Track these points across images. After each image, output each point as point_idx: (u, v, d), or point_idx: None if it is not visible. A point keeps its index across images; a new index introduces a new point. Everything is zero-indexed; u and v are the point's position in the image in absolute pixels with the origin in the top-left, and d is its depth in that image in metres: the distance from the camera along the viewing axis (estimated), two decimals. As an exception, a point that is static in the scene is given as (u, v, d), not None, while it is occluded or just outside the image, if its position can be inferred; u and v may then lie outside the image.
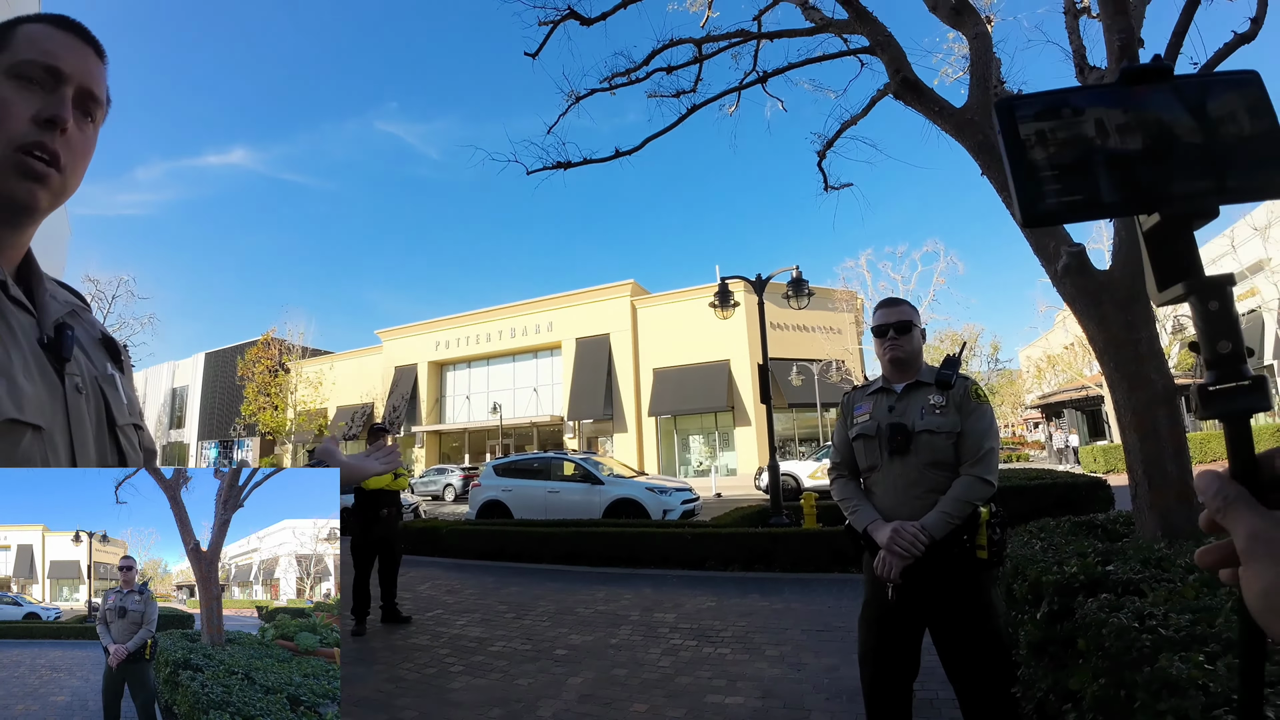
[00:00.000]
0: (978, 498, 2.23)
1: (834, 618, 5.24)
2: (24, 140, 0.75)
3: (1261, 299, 22.58)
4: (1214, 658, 1.47)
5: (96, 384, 0.85)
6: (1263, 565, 0.40)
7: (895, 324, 2.44)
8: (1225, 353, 0.46)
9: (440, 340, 37.71)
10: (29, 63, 0.77)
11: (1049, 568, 2.75)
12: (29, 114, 0.76)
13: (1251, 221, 22.38)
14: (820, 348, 28.88)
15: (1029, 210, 0.50)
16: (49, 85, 0.78)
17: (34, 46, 0.78)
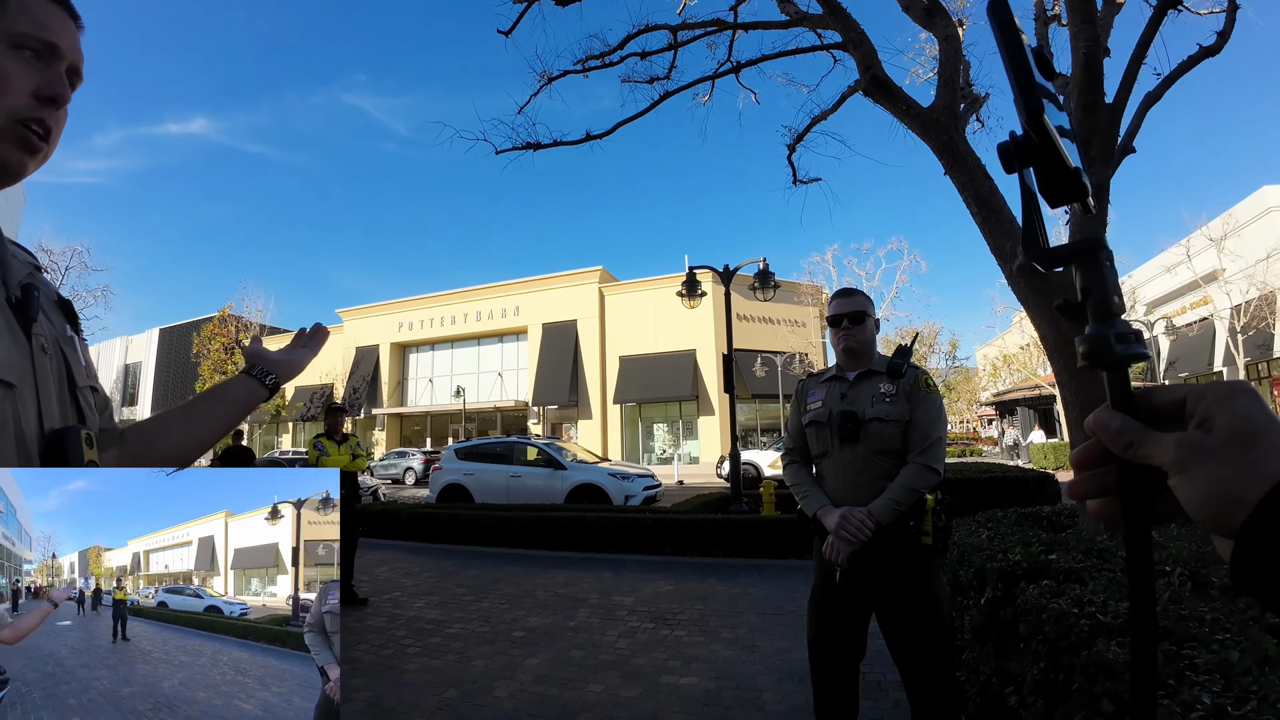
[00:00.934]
0: (924, 485, 2.29)
1: (787, 602, 5.35)
2: (24, 113, 0.76)
3: (1214, 308, 23.55)
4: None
5: (58, 344, 0.85)
6: (1200, 470, 0.44)
7: (850, 314, 2.48)
8: (1118, 305, 0.50)
9: (403, 321, 37.06)
10: (28, 35, 0.77)
11: (994, 555, 2.85)
12: (30, 87, 0.77)
13: (1208, 232, 23.30)
14: (784, 340, 29.24)
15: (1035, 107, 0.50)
16: (46, 60, 0.79)
17: (31, 19, 0.78)
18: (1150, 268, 27.85)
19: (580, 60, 6.51)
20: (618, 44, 6.31)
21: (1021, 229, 0.53)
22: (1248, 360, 22.45)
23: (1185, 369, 25.56)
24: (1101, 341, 0.49)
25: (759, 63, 5.87)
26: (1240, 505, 0.41)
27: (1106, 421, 0.49)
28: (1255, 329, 21.70)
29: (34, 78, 0.77)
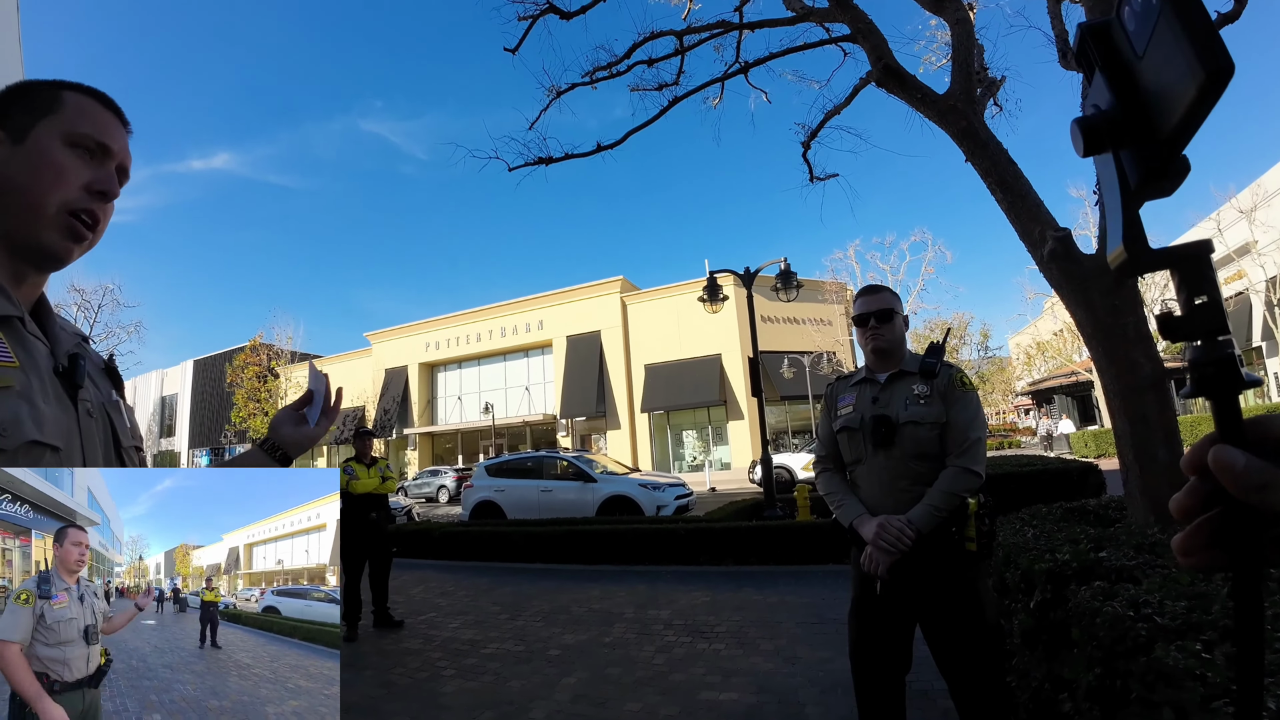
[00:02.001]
0: (965, 489, 2.18)
1: (828, 609, 5.22)
2: (75, 204, 0.85)
3: (1249, 281, 22.77)
4: (1211, 646, 1.44)
5: (104, 409, 0.92)
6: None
7: (876, 312, 2.38)
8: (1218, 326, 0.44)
9: (430, 341, 37.52)
10: (86, 135, 0.87)
11: (1041, 556, 2.73)
12: (82, 181, 0.85)
13: (1237, 205, 22.57)
14: (811, 340, 28.94)
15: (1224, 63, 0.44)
16: (99, 158, 0.88)
17: (89, 120, 0.88)
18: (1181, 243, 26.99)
19: (588, 72, 6.52)
20: (624, 53, 6.31)
21: (1122, 225, 0.45)
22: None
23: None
24: (1224, 365, 0.42)
25: (767, 61, 5.81)
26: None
27: (1230, 462, 0.41)
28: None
29: (86, 173, 0.86)
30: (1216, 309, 0.43)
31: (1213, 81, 0.37)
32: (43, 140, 0.85)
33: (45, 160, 0.84)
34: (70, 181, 0.84)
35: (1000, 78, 5.11)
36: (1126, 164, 0.44)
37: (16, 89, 0.88)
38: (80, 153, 0.86)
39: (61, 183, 0.84)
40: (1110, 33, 0.46)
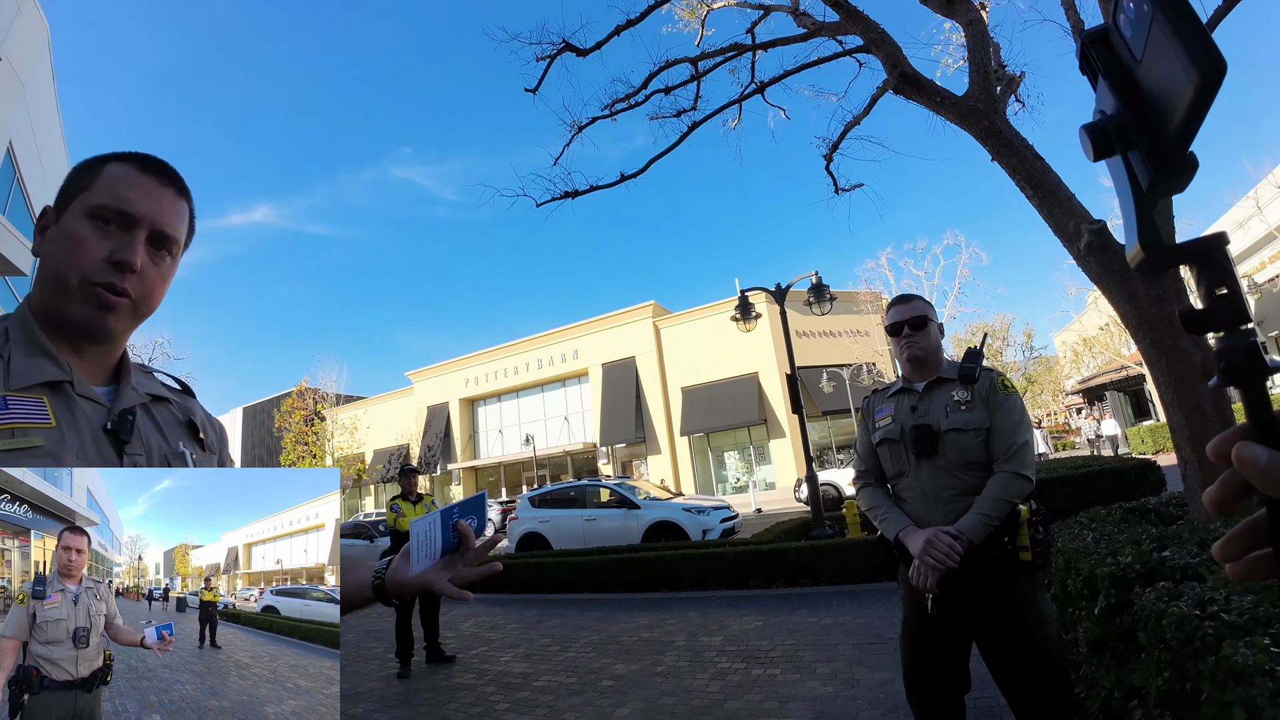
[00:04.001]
0: (1016, 495, 2.09)
1: (885, 629, 5.08)
2: (96, 276, 0.86)
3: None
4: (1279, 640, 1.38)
5: (166, 460, 0.94)
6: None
7: (909, 320, 2.32)
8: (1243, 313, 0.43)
9: (469, 376, 38.12)
10: (103, 206, 0.87)
11: (1103, 559, 2.63)
12: (103, 253, 0.86)
13: (1274, 180, 21.61)
14: (849, 352, 28.53)
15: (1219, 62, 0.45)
16: (123, 227, 0.88)
17: (110, 191, 0.88)
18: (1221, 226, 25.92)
19: (607, 105, 6.66)
20: (641, 84, 6.44)
21: (1137, 225, 0.46)
22: (1340, 308, 20.50)
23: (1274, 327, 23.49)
24: (1250, 353, 0.42)
25: (781, 79, 5.87)
26: None
27: (1253, 458, 0.40)
28: (1342, 273, 19.86)
29: (107, 245, 0.87)
30: (1237, 298, 0.43)
31: (1207, 81, 0.38)
32: (71, 218, 0.88)
33: (67, 236, 0.87)
34: (89, 254, 0.85)
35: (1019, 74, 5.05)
36: (1136, 166, 0.45)
37: (78, 169, 0.92)
38: (100, 224, 0.87)
39: (79, 256, 0.85)
40: (1109, 39, 0.47)
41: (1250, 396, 0.42)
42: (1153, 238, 0.46)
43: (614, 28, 6.19)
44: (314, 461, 37.34)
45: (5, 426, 0.79)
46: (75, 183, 0.90)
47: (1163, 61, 0.41)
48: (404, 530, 5.93)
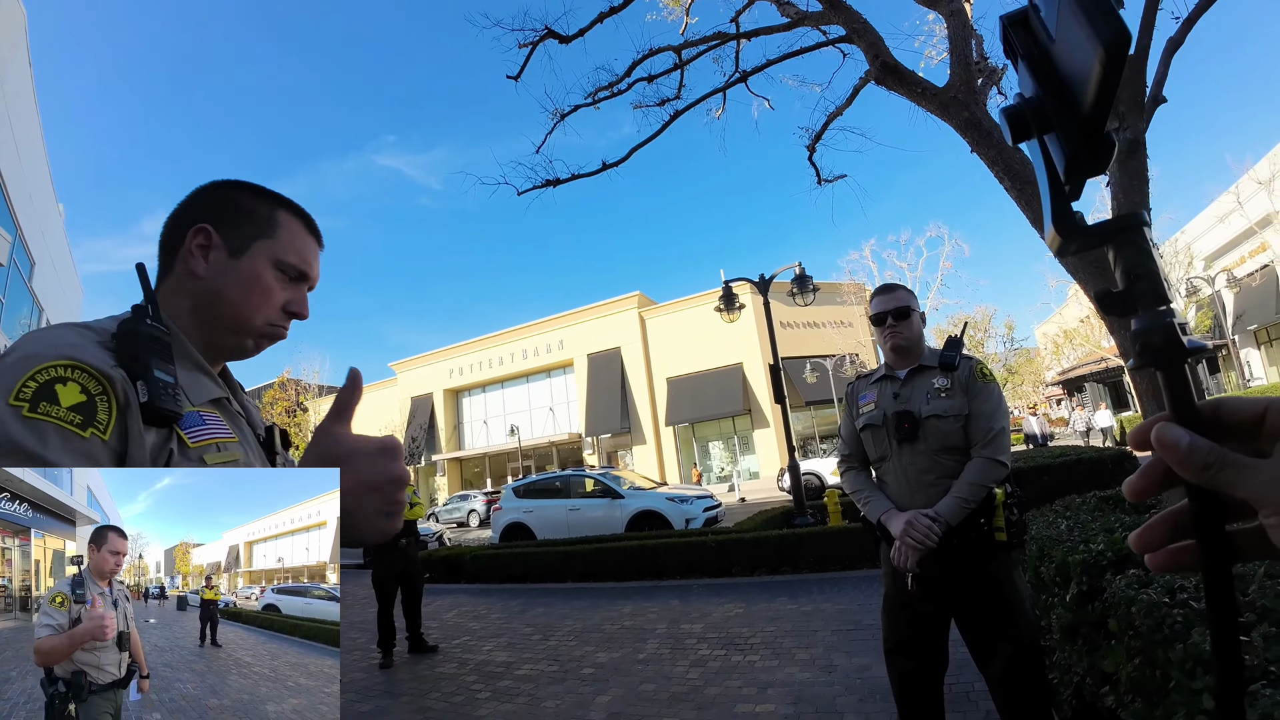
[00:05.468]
0: (992, 479, 2.17)
1: (864, 615, 5.14)
2: (276, 321, 0.99)
3: (1274, 253, 22.15)
4: (1248, 628, 1.40)
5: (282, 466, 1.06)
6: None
7: (893, 310, 2.39)
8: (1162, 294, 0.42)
9: (453, 367, 37.91)
10: (291, 265, 0.99)
11: (1075, 547, 2.67)
12: (282, 302, 0.98)
13: (1255, 176, 21.98)
14: (833, 343, 28.70)
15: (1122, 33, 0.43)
16: (297, 281, 1.01)
17: (296, 251, 1.00)
18: (1203, 220, 26.35)
19: (590, 93, 6.60)
20: (624, 72, 6.38)
21: (1049, 208, 0.45)
22: (1316, 303, 20.97)
23: (1253, 321, 24.00)
24: (1167, 333, 0.40)
25: (765, 69, 5.85)
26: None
27: (1174, 440, 0.39)
28: (1320, 268, 20.31)
29: (285, 295, 0.99)
30: (1154, 279, 0.41)
31: (1111, 54, 0.36)
32: (258, 263, 0.96)
33: (258, 283, 0.95)
34: (274, 303, 0.97)
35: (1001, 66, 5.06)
36: (1052, 148, 0.44)
37: (239, 202, 0.97)
38: (282, 276, 0.98)
39: (268, 304, 0.96)
40: (1028, 20, 0.45)
41: (1169, 380, 0.40)
42: (1066, 220, 0.44)
43: (597, 14, 6.12)
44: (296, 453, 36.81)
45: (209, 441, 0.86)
46: (255, 223, 0.96)
47: (1072, 38, 0.39)
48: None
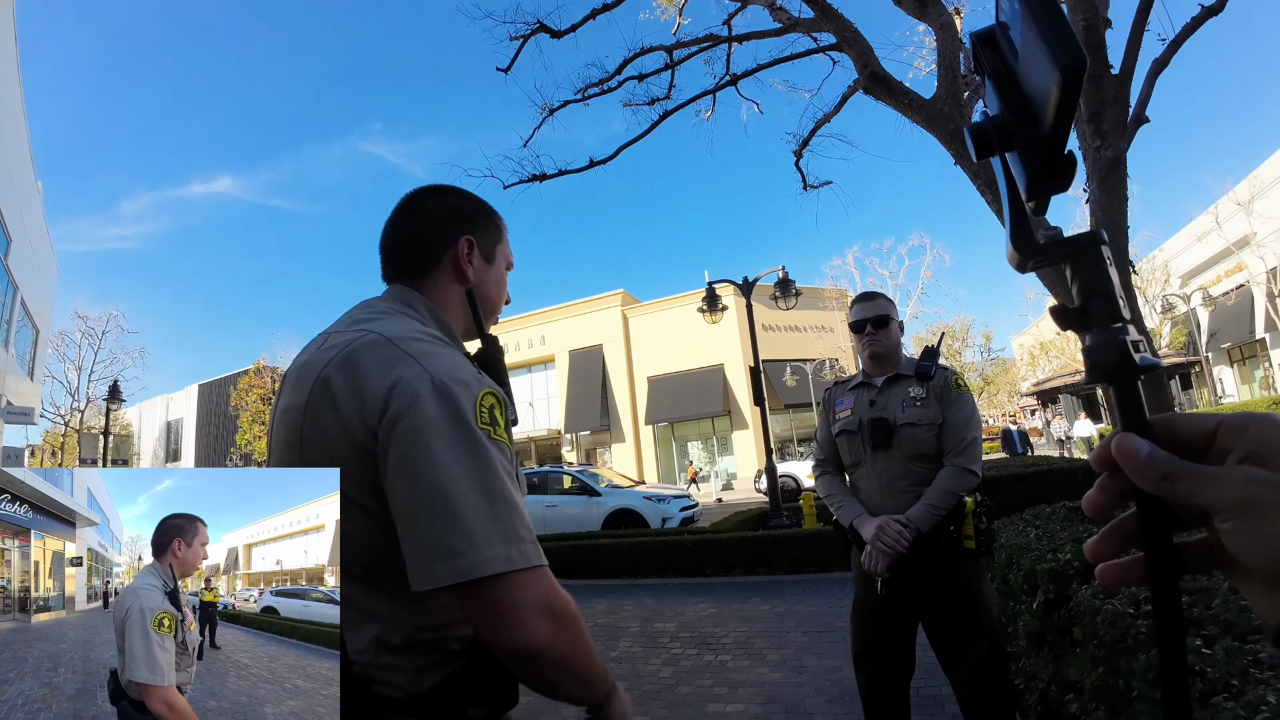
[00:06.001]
0: (962, 488, 2.21)
1: (835, 618, 5.19)
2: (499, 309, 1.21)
3: (1249, 273, 22.71)
4: (1211, 641, 1.43)
5: None
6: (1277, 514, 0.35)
7: (872, 319, 2.42)
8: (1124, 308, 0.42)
9: (433, 360, 37.60)
10: (512, 263, 1.22)
11: (1043, 556, 2.71)
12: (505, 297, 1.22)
13: (1234, 197, 22.54)
14: (813, 347, 28.92)
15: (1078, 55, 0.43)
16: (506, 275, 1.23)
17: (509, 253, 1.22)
18: (1181, 238, 27.00)
19: (580, 89, 6.58)
20: (615, 70, 6.37)
21: (1009, 225, 0.45)
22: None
23: (1227, 339, 24.59)
24: (1119, 351, 0.40)
25: (755, 72, 5.88)
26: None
27: (1134, 450, 0.39)
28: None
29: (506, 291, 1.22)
30: (1109, 297, 0.42)
31: (1067, 76, 0.37)
32: (500, 264, 1.17)
33: (503, 281, 1.19)
34: (506, 295, 1.21)
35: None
36: (1013, 166, 0.45)
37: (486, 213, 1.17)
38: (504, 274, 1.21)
39: (504, 297, 1.20)
40: (995, 39, 0.46)
41: (1121, 396, 0.41)
42: (1024, 238, 0.45)
43: (590, 10, 6.10)
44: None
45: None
46: (496, 232, 1.17)
47: (1033, 58, 0.40)
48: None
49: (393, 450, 0.81)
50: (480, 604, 0.80)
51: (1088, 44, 3.31)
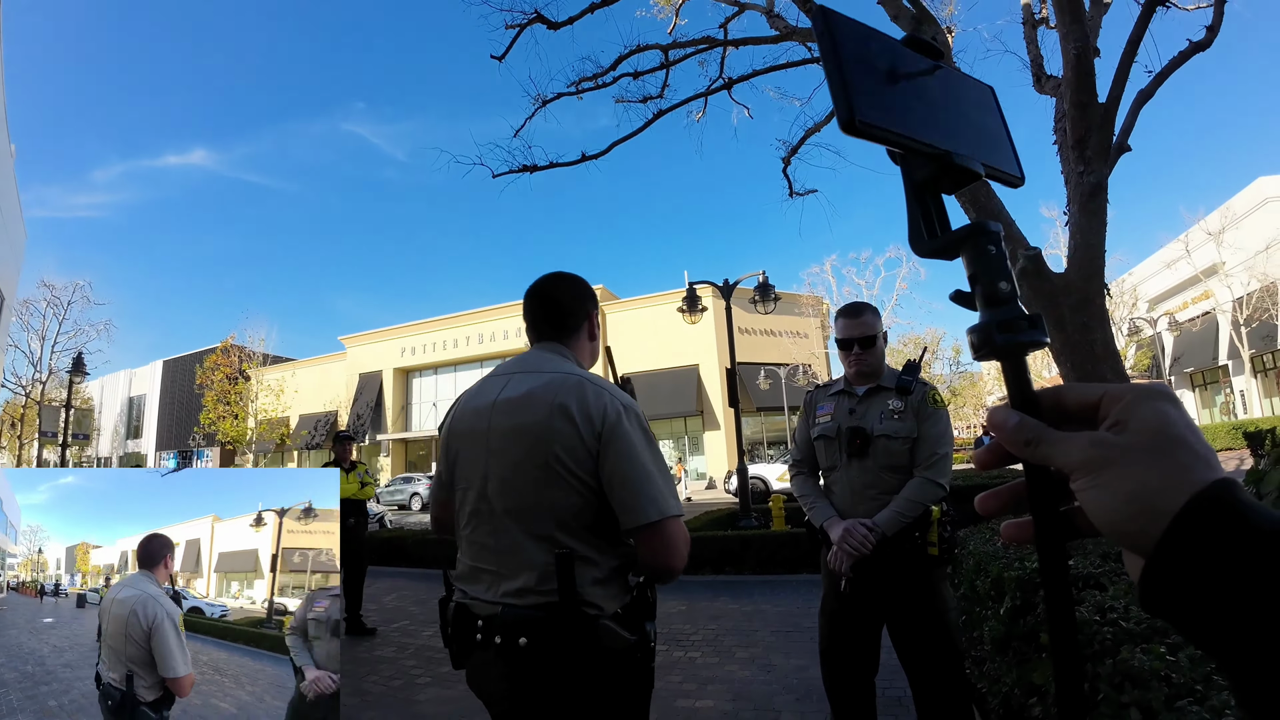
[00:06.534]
0: (929, 499, 2.31)
1: (803, 618, 5.27)
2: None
3: (1216, 301, 23.47)
4: (1175, 649, 1.51)
5: None
6: (1114, 471, 0.38)
7: (859, 339, 2.47)
8: (1006, 291, 0.46)
9: (406, 346, 37.14)
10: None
11: (1010, 564, 2.81)
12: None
13: (1206, 226, 23.30)
14: (787, 352, 29.21)
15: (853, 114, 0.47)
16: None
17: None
18: (1151, 264, 27.84)
19: (574, 82, 6.57)
20: (610, 65, 6.37)
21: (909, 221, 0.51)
22: (1252, 352, 22.38)
23: (1190, 364, 25.43)
24: (984, 331, 0.45)
25: (751, 78, 5.93)
26: (1157, 516, 0.37)
27: (1003, 419, 0.44)
28: (1259, 321, 21.65)
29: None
30: (990, 282, 0.47)
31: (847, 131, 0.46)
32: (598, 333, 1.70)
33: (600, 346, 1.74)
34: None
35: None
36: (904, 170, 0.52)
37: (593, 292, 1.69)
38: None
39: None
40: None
41: (1008, 370, 0.45)
42: (914, 232, 0.51)
43: (588, 4, 6.10)
44: (235, 422, 35.64)
45: None
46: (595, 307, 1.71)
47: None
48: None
49: (610, 447, 1.32)
50: (657, 536, 1.31)
51: (1077, 71, 3.43)
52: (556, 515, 1.30)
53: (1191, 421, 0.40)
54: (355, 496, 5.91)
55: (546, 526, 1.30)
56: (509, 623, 1.26)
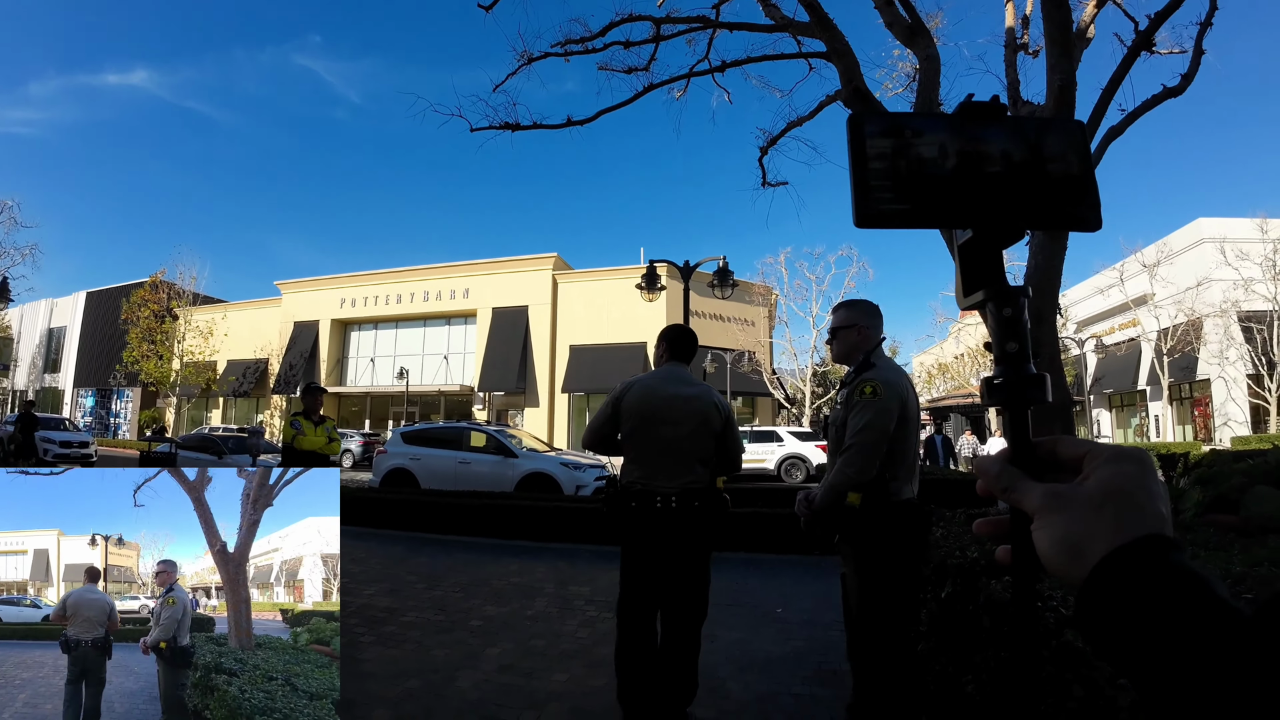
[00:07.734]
0: (839, 485, 2.62)
1: (743, 594, 5.48)
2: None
3: (1142, 329, 25.02)
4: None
5: None
6: (1055, 518, 0.46)
7: (830, 331, 2.91)
8: (1013, 352, 0.54)
9: (346, 297, 35.92)
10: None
11: (952, 552, 3.01)
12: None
13: (1141, 259, 24.74)
14: (734, 338, 29.65)
15: (862, 212, 0.55)
16: None
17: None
18: (1084, 288, 29.40)
19: (561, 43, 6.45)
20: (600, 30, 6.27)
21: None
22: (1171, 381, 24.01)
23: (1110, 385, 27.10)
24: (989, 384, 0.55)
25: (743, 64, 5.94)
26: (1083, 560, 0.44)
27: (988, 467, 0.53)
28: (1180, 352, 23.24)
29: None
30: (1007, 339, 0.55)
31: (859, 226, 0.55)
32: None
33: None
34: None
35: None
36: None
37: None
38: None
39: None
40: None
41: (1011, 420, 0.54)
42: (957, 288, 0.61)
43: (582, -31, 5.97)
44: (160, 363, 33.78)
45: None
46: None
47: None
48: (301, 449, 5.66)
49: (728, 426, 3.13)
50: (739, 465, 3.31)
51: (1060, 103, 3.62)
52: (703, 452, 3.03)
53: (1150, 484, 0.46)
54: (322, 450, 5.80)
55: (701, 455, 3.03)
56: (690, 492, 2.97)
